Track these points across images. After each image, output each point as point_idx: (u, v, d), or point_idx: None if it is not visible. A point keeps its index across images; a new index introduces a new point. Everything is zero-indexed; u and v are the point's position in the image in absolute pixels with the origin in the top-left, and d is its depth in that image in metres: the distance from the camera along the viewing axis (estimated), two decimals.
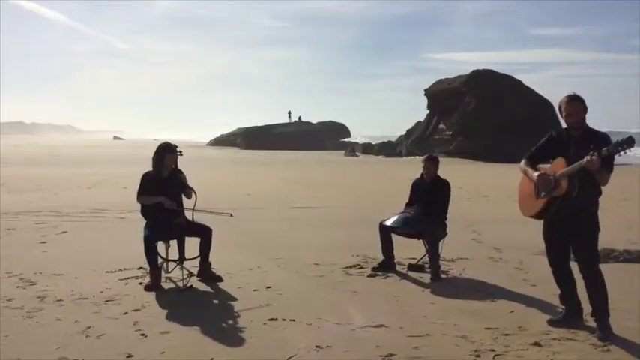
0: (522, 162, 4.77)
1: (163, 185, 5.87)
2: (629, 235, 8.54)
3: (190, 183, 6.03)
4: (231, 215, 6.25)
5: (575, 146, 4.39)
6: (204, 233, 5.99)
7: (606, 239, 4.56)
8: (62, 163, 29.40)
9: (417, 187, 6.71)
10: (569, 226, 4.48)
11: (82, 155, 38.68)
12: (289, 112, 66.40)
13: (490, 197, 14.80)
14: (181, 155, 6.00)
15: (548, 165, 4.60)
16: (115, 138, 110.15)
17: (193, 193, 6.00)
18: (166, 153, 5.93)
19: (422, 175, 6.67)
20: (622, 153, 4.12)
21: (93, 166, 26.49)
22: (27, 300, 5.27)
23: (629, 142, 4.04)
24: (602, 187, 4.42)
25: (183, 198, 6.02)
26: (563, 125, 4.61)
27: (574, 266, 4.63)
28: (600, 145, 4.18)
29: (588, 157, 4.11)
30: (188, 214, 5.97)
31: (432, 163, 6.59)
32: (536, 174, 4.54)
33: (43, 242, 8.08)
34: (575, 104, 4.43)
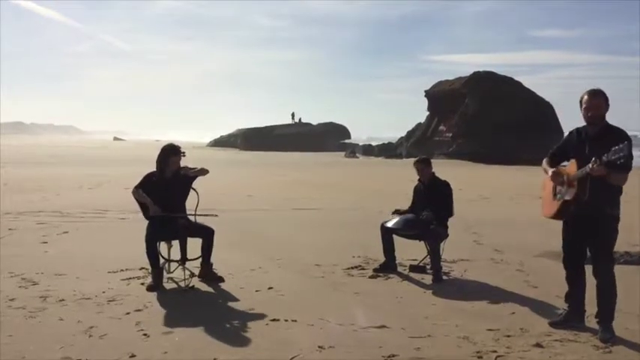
0: (544, 160, 4.74)
1: (166, 186, 5.89)
2: (629, 237, 8.51)
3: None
4: (216, 215, 6.26)
5: (591, 145, 4.35)
6: (206, 234, 6.00)
7: None
8: (63, 163, 29.42)
9: (417, 191, 6.72)
10: (586, 227, 4.45)
11: (83, 156, 38.70)
12: (292, 114, 66.47)
13: (490, 199, 14.83)
14: (184, 156, 6.03)
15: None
16: (115, 139, 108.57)
17: (196, 194, 6.03)
18: (171, 155, 5.94)
19: (419, 178, 6.67)
20: (621, 160, 4.05)
21: (94, 166, 26.50)
22: (29, 300, 5.27)
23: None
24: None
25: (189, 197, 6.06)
26: (577, 124, 4.59)
27: (588, 269, 4.62)
28: (611, 145, 4.13)
29: (591, 165, 4.08)
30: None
31: (423, 165, 6.58)
32: (550, 171, 4.52)
33: (45, 242, 8.09)
34: (598, 99, 4.38)
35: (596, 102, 4.38)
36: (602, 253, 4.47)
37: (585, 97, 4.41)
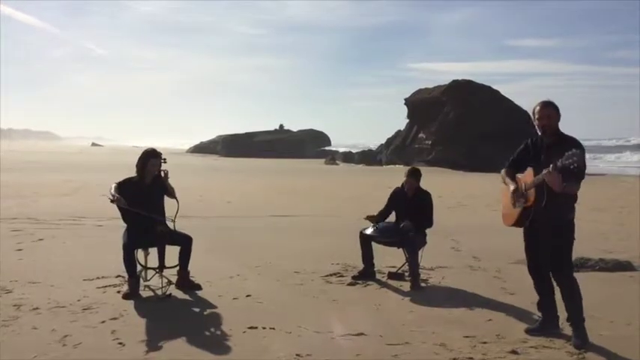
0: (502, 171, 4.85)
1: (145, 191, 5.82)
2: (604, 244, 8.67)
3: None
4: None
5: (547, 153, 4.48)
6: (184, 242, 5.95)
7: (581, 248, 4.64)
8: (39, 169, 28.99)
9: (397, 197, 6.68)
10: (544, 233, 4.55)
11: (60, 162, 38.18)
12: (280, 125, 66.47)
13: (469, 206, 14.94)
14: (165, 162, 5.97)
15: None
16: (93, 145, 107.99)
17: (176, 200, 5.95)
18: (150, 158, 5.90)
19: (403, 185, 6.68)
20: (574, 165, 4.11)
21: (71, 172, 26.16)
22: (2, 308, 5.17)
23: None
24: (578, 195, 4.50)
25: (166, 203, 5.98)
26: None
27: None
28: (565, 152, 4.22)
29: (546, 171, 4.20)
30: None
31: (414, 179, 6.54)
32: (512, 187, 4.63)
33: (19, 250, 7.95)
34: (548, 109, 4.52)
35: (547, 112, 4.52)
36: (561, 258, 4.55)
37: (537, 107, 4.55)
